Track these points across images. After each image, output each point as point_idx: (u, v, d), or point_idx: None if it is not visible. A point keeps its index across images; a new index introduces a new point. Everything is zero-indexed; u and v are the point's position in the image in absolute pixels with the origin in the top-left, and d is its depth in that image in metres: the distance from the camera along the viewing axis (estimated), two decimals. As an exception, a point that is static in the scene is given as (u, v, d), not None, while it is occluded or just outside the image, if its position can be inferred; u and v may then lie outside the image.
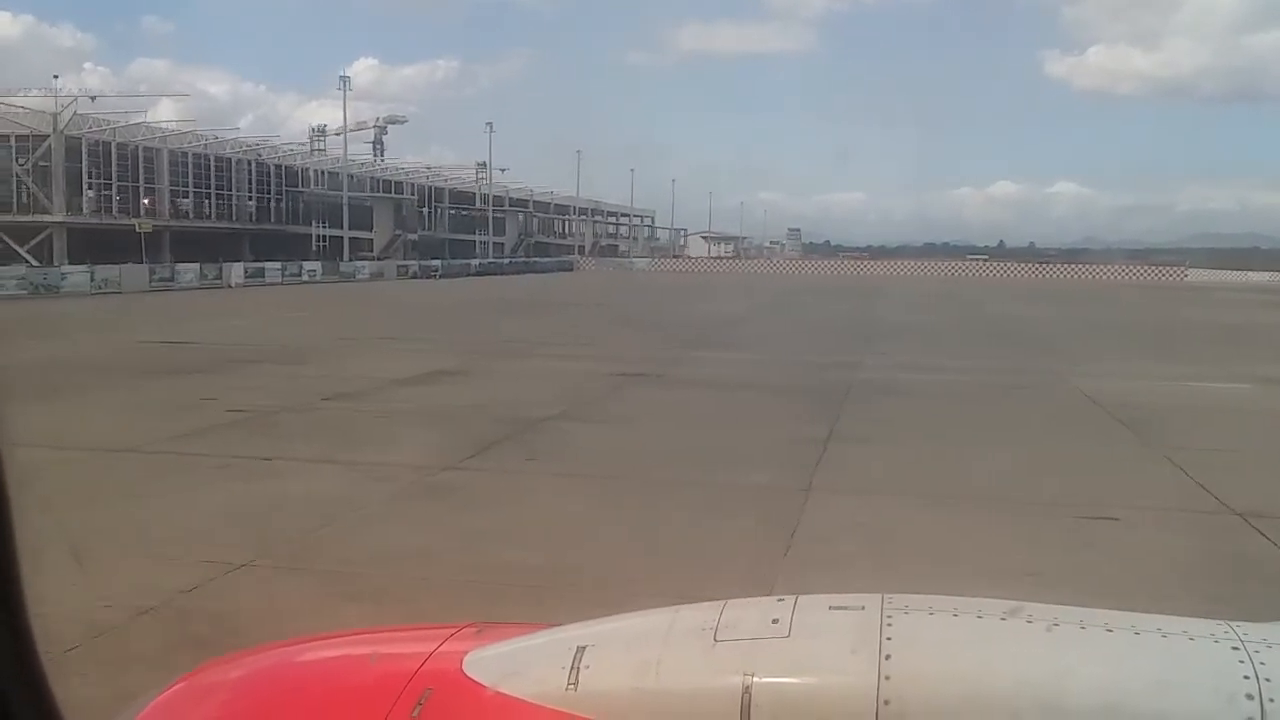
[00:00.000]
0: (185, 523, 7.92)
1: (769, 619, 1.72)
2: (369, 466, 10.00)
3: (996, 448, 11.26)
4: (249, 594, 6.38)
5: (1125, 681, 1.55)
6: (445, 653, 1.93)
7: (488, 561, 6.96)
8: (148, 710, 1.93)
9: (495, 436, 11.55)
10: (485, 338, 24.89)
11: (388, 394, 15.09)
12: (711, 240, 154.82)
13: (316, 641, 2.40)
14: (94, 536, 7.36)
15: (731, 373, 18.11)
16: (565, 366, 18.98)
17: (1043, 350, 23.34)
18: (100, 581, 6.33)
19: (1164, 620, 1.67)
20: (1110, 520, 8.12)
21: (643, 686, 1.67)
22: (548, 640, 1.91)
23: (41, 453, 10.21)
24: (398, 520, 8.13)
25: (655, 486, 9.34)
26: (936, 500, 8.79)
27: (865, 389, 15.85)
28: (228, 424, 12.21)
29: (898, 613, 1.69)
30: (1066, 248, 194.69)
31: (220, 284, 50.14)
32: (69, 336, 23.69)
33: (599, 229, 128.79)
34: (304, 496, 8.79)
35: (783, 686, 1.61)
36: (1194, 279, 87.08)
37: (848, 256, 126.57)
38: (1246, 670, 1.53)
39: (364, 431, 11.91)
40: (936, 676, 1.58)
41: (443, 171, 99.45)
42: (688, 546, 7.34)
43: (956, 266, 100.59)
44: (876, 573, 6.42)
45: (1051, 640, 1.62)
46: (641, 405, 14.42)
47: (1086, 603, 1.78)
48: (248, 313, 32.42)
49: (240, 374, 17.03)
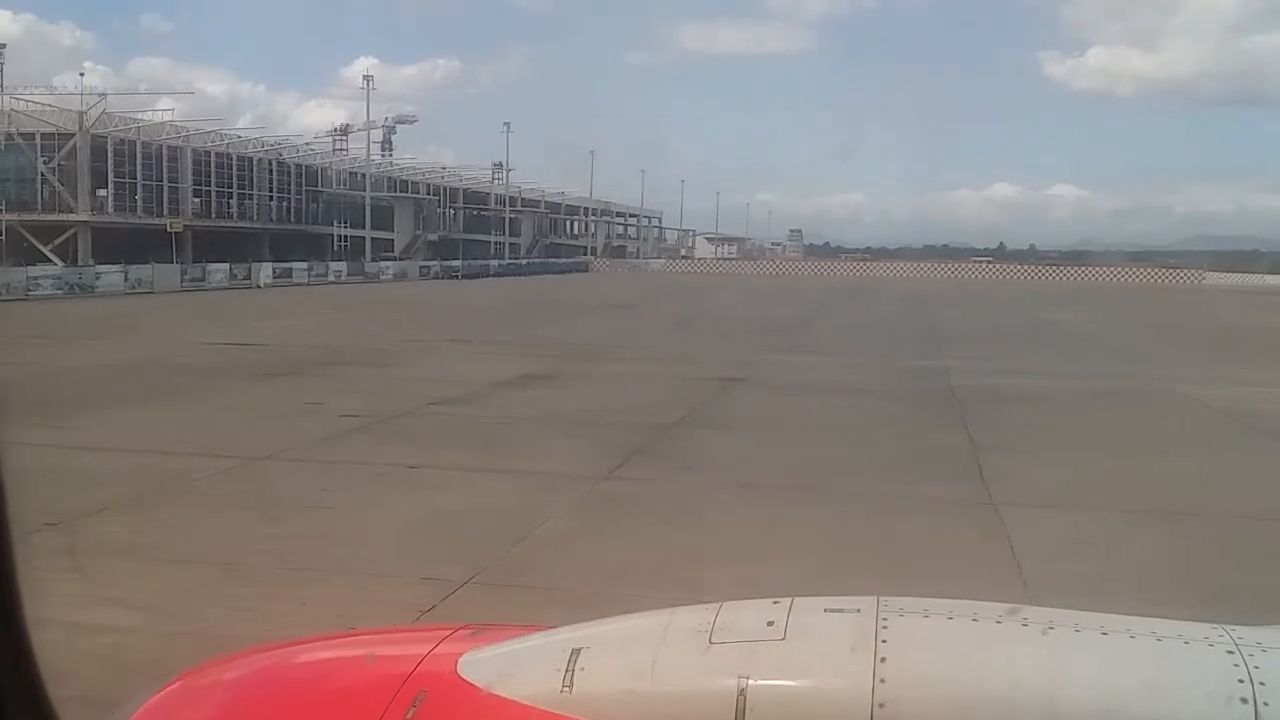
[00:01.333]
0: (380, 537, 7.65)
1: (764, 621, 1.71)
2: (523, 475, 9.72)
3: (1156, 458, 10.96)
4: (491, 615, 6.08)
5: (1120, 684, 1.55)
6: (440, 654, 1.91)
7: (715, 578, 6.56)
8: (141, 711, 1.91)
9: (634, 444, 11.26)
10: (549, 340, 24.60)
11: (493, 398, 14.80)
12: (715, 241, 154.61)
13: (312, 642, 2.41)
14: (305, 553, 7.11)
15: (821, 377, 17.85)
16: (649, 370, 18.71)
17: (1124, 356, 23.05)
18: (338, 601, 6.07)
19: (1159, 624, 1.67)
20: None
21: (637, 689, 1.66)
22: (542, 642, 1.90)
23: (200, 461, 10.01)
24: (591, 534, 7.84)
25: (836, 498, 9.05)
26: (1144, 515, 8.49)
27: (972, 395, 15.55)
28: (351, 430, 11.93)
29: (893, 615, 1.68)
30: (1066, 250, 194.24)
31: (249, 284, 49.85)
32: (132, 338, 23.40)
33: (609, 230, 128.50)
34: (480, 508, 8.52)
35: (778, 689, 1.60)
36: (1211, 282, 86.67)
37: (849, 258, 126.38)
38: (1241, 674, 1.52)
39: (496, 439, 11.62)
40: (932, 679, 1.58)
41: (458, 172, 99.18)
42: (926, 566, 7.03)
43: (960, 268, 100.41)
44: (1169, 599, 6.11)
45: (1047, 643, 1.62)
46: (756, 411, 14.14)
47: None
48: (294, 313, 32.13)
49: (329, 377, 16.76)
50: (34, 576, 6.31)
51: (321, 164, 78.49)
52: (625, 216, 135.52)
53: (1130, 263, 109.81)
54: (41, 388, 15.27)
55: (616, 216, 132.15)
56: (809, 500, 8.95)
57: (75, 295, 39.29)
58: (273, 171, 71.70)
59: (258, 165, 70.41)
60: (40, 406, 13.26)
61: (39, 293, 38.00)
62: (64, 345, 21.39)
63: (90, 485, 8.98)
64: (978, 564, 7.08)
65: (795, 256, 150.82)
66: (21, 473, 7.33)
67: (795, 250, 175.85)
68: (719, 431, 12.38)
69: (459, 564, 6.88)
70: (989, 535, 7.77)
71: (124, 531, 7.62)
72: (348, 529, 7.83)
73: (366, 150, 74.37)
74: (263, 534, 7.61)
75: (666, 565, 6.86)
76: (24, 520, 7.44)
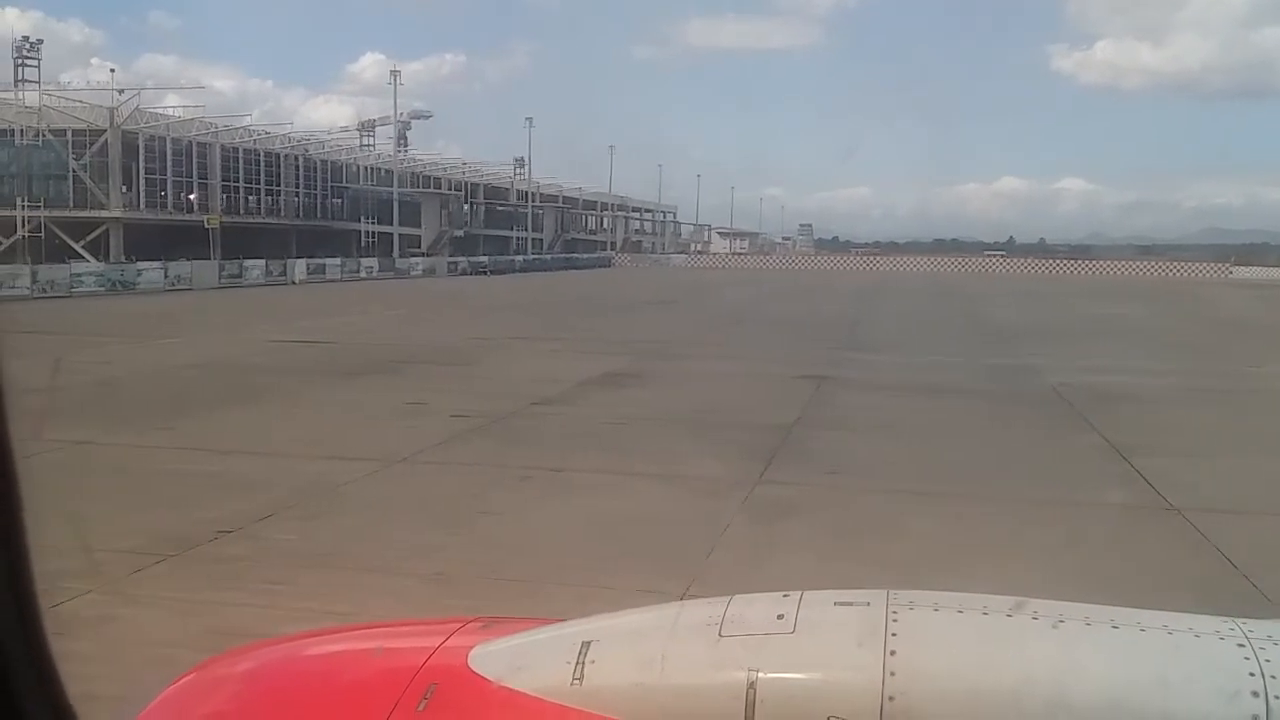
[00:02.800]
0: (568, 545, 7.40)
1: (774, 614, 1.71)
2: (672, 480, 9.45)
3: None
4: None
5: (1130, 678, 1.53)
6: (451, 647, 1.91)
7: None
8: (155, 704, 1.91)
9: (763, 446, 10.97)
10: (610, 337, 24.32)
11: (590, 398, 14.54)
12: (727, 236, 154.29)
13: (323, 636, 2.41)
14: (500, 563, 6.86)
15: (907, 376, 17.51)
16: (729, 369, 18.42)
17: (1203, 353, 22.67)
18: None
19: (1169, 617, 1.65)
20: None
21: (648, 681, 1.65)
22: (553, 635, 1.89)
23: (336, 464, 9.76)
24: (782, 543, 7.56)
25: (1014, 505, 8.76)
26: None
27: (1077, 394, 15.19)
28: (468, 431, 11.68)
29: (903, 609, 1.68)
30: (1075, 244, 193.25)
31: (284, 280, 49.69)
32: (198, 336, 23.20)
33: (626, 225, 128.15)
34: (649, 514, 8.26)
35: (787, 682, 1.60)
36: (1238, 276, 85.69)
37: (860, 252, 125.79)
38: (1252, 667, 1.51)
39: (619, 441, 11.34)
40: (941, 672, 1.56)
41: (478, 167, 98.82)
42: (1165, 580, 6.72)
43: (973, 262, 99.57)
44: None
45: (1056, 636, 1.61)
46: (865, 411, 13.80)
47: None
48: (343, 310, 31.89)
49: (414, 376, 16.51)
50: (238, 584, 6.09)
51: (346, 160, 78.22)
52: (641, 212, 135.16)
53: (1140, 256, 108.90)
54: (135, 389, 15.08)
55: (633, 212, 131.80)
56: (989, 508, 8.66)
57: (117, 292, 39.14)
58: (299, 168, 71.49)
59: (284, 161, 70.20)
60: (145, 408, 13.07)
61: (81, 290, 37.85)
62: (134, 344, 21.22)
63: (237, 490, 8.74)
64: (1213, 582, 6.77)
65: (806, 251, 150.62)
66: (160, 476, 7.04)
67: (806, 245, 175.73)
68: (843, 433, 12.07)
69: (669, 578, 6.57)
70: (1196, 549, 7.44)
71: (301, 540, 7.37)
72: (529, 536, 7.57)
73: (394, 146, 74.13)
74: (443, 542, 7.35)
75: (891, 580, 6.58)
76: (191, 526, 7.15)
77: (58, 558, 6.74)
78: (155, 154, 59.70)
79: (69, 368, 15.99)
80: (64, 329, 23.76)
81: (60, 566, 6.64)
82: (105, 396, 14.09)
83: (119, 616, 5.76)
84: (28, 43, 53.33)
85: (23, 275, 36.08)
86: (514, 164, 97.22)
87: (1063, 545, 7.47)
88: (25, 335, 21.75)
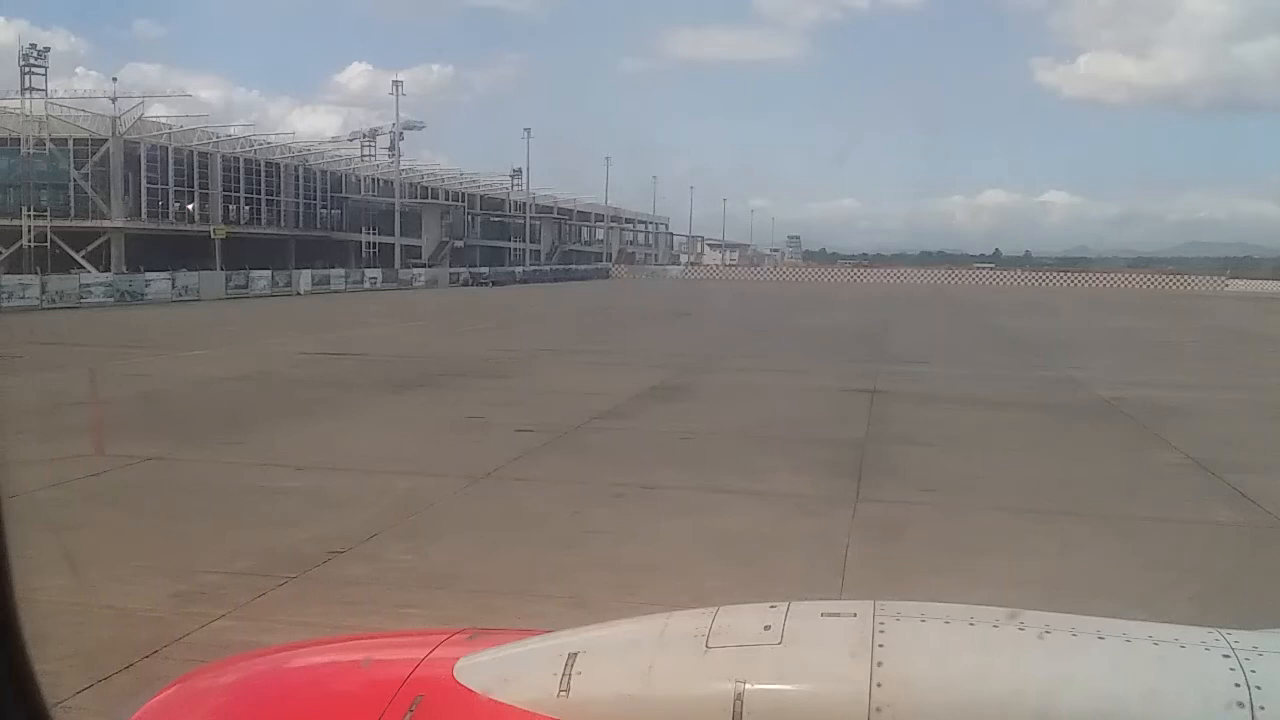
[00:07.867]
0: (693, 567, 7.11)
1: (761, 625, 1.69)
2: (766, 497, 9.25)
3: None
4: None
5: (1117, 689, 1.53)
6: (437, 659, 1.90)
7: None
8: (138, 715, 1.90)
9: (845, 462, 10.78)
10: (639, 350, 24.12)
11: (647, 411, 14.32)
12: (718, 247, 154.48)
13: (310, 646, 2.41)
14: (635, 586, 6.61)
15: (956, 389, 17.29)
16: (775, 382, 18.25)
17: (1239, 367, 22.60)
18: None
19: (1155, 628, 1.66)
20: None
21: (634, 693, 1.65)
22: (540, 647, 1.88)
23: (421, 480, 9.55)
24: (914, 565, 7.30)
25: (1121, 523, 8.58)
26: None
27: (1134, 408, 15.03)
28: (539, 446, 11.44)
29: (890, 620, 1.66)
30: (1060, 256, 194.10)
31: (289, 291, 49.38)
32: (226, 348, 22.89)
33: (620, 236, 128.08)
34: (762, 534, 8.06)
35: (775, 693, 1.59)
36: (1234, 289, 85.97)
37: (847, 264, 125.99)
38: (1237, 678, 1.52)
39: (695, 455, 11.12)
40: (929, 683, 1.56)
41: (475, 178, 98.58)
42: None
43: (962, 274, 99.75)
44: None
45: (1044, 647, 1.61)
46: (928, 425, 13.57)
47: None
48: (362, 321, 31.60)
49: (458, 389, 16.26)
50: (372, 607, 5.82)
51: (345, 170, 77.90)
52: (635, 223, 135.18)
53: (1130, 269, 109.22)
54: (182, 402, 14.77)
55: (626, 222, 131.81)
56: (1096, 527, 8.45)
57: (126, 303, 38.79)
58: (299, 177, 71.15)
59: (284, 171, 69.85)
60: (201, 422, 12.77)
61: (90, 300, 37.49)
62: (161, 355, 20.86)
63: (329, 507, 8.49)
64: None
65: (794, 262, 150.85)
66: (246, 493, 6.73)
67: (794, 256, 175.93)
68: (919, 448, 11.85)
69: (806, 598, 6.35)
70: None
71: (418, 559, 7.12)
72: (648, 556, 7.32)
73: (396, 157, 73.90)
74: (562, 563, 7.11)
75: (1065, 605, 6.36)
76: (299, 546, 6.84)
77: (172, 579, 6.48)
78: (156, 163, 59.31)
79: (105, 380, 15.64)
80: (85, 340, 23.47)
81: (177, 589, 6.40)
82: (154, 410, 13.80)
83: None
84: (35, 50, 52.70)
85: (32, 286, 35.70)
86: (510, 175, 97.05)
87: (1189, 565, 7.30)
88: (50, 347, 21.46)
